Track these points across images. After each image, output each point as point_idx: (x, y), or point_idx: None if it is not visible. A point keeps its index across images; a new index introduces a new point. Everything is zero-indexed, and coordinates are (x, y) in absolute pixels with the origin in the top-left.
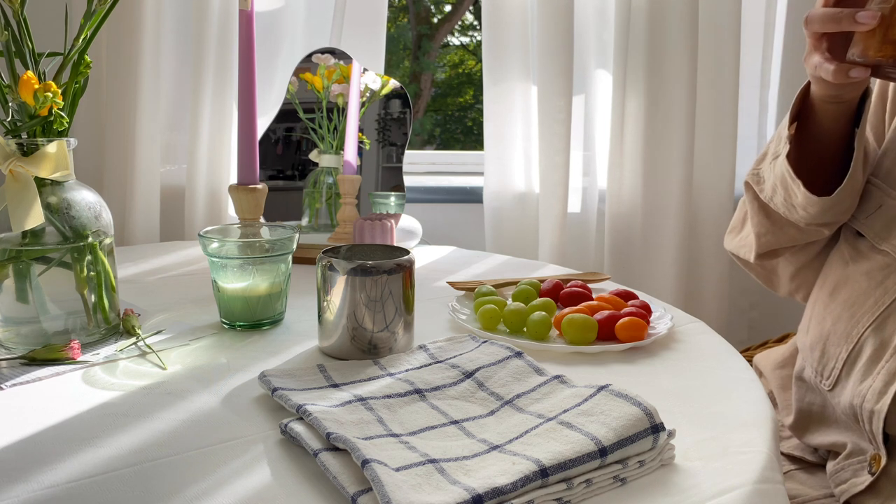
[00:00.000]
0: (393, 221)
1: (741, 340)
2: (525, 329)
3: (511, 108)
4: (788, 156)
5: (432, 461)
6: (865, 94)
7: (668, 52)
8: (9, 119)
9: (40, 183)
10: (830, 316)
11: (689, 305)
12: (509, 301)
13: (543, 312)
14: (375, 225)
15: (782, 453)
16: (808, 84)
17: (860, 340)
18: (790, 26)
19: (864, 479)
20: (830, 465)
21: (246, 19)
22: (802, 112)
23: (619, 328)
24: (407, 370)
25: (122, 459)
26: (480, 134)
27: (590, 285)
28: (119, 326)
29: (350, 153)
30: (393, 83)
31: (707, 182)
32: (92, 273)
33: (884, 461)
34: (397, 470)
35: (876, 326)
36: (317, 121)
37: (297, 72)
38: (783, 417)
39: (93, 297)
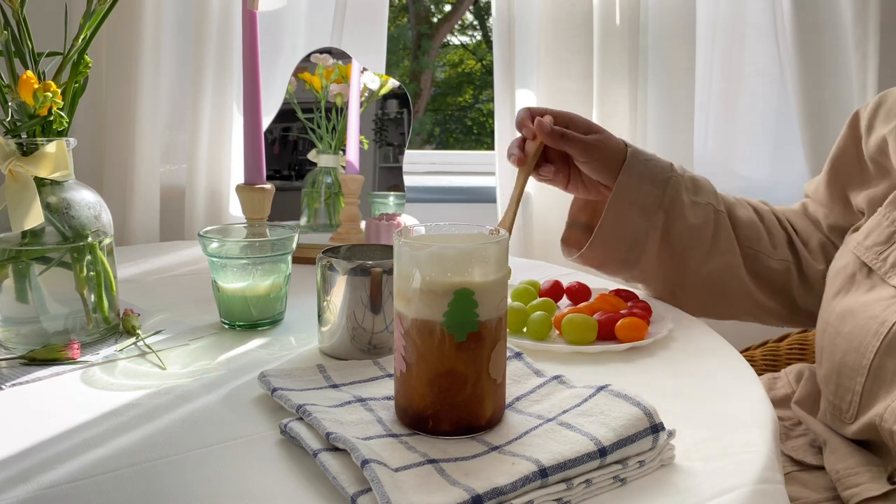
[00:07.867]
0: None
1: (741, 340)
2: (525, 329)
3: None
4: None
5: (432, 461)
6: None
7: (671, 53)
8: (8, 119)
9: (40, 183)
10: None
11: None
12: (509, 301)
13: (543, 312)
14: (391, 225)
15: (783, 454)
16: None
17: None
18: (797, 24)
19: (881, 487)
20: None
21: (250, 19)
22: None
23: (619, 328)
24: None
25: (122, 459)
26: (480, 133)
27: (591, 286)
28: (119, 326)
29: (352, 153)
30: (392, 83)
31: None
32: (92, 273)
33: None
34: (397, 470)
35: (883, 352)
36: (315, 121)
37: (296, 72)
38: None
39: (93, 297)
